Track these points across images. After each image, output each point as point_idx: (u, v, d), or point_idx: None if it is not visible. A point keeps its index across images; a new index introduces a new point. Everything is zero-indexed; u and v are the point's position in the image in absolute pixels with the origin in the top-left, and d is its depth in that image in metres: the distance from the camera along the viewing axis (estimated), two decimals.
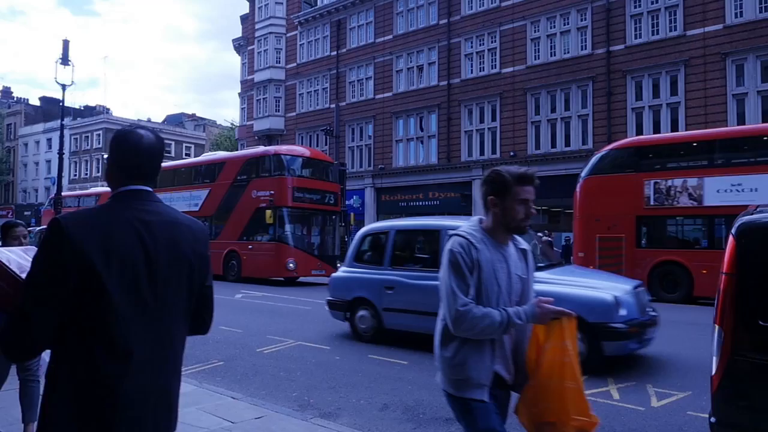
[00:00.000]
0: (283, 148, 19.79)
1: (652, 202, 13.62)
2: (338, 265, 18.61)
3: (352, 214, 23.56)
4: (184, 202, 20.49)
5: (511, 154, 23.74)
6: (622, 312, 6.00)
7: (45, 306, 1.49)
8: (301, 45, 32.53)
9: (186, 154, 55.07)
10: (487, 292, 2.11)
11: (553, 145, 22.97)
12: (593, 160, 15.06)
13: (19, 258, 1.96)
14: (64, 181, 33.42)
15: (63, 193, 35.14)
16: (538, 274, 6.39)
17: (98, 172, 52.76)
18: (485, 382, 2.12)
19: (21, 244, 3.81)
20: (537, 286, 5.94)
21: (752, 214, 3.12)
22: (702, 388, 5.31)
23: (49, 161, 53.68)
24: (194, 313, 1.78)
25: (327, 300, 8.48)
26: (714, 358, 2.93)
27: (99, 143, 53.18)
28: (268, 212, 17.17)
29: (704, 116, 19.35)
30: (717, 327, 2.94)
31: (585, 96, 22.31)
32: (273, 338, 8.15)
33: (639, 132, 20.96)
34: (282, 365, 6.55)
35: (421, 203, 26.55)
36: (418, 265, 7.85)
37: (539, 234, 20.59)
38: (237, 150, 32.73)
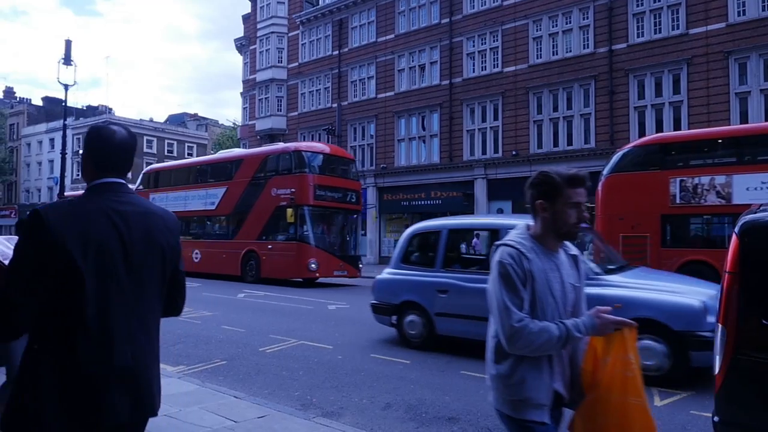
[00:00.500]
0: (303, 145, 19.14)
1: (678, 201, 13.20)
2: (360, 265, 18.35)
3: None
4: (199, 200, 20.10)
5: (513, 153, 23.72)
6: (711, 319, 5.37)
7: (26, 291, 1.60)
8: (302, 44, 32.53)
9: (188, 154, 55.16)
10: (541, 304, 1.97)
11: (555, 145, 22.94)
12: (615, 157, 14.56)
13: (2, 246, 2.04)
14: (67, 181, 33.52)
15: (66, 193, 35.20)
16: (613, 278, 6.16)
17: None
18: (545, 402, 1.98)
19: None
20: (615, 291, 5.69)
21: (756, 212, 3.12)
22: (705, 387, 5.31)
23: (51, 161, 53.82)
24: (167, 296, 1.91)
25: (371, 304, 8.03)
26: (717, 357, 2.92)
27: None
28: (289, 211, 16.65)
29: (707, 115, 19.31)
30: (720, 326, 2.93)
31: (587, 95, 22.27)
32: (275, 337, 8.15)
33: (641, 131, 20.90)
34: (284, 364, 6.56)
35: (423, 202, 26.53)
36: (474, 267, 7.45)
37: None
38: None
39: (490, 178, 24.47)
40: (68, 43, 18.69)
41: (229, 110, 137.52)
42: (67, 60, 18.54)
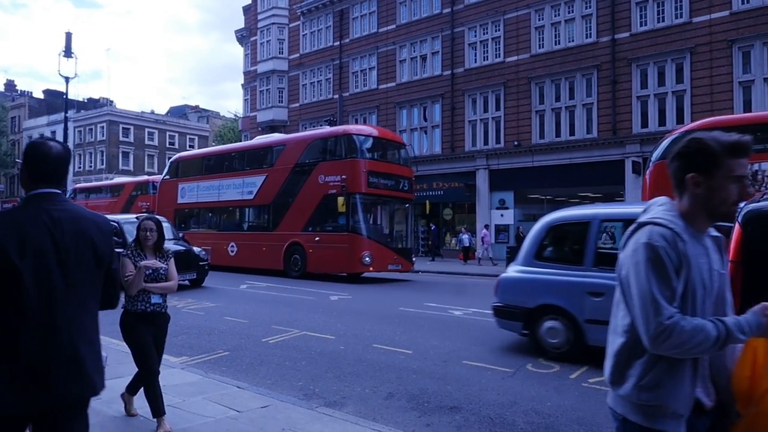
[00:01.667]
0: (352, 128, 17.78)
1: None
2: (413, 259, 17.40)
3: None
4: (235, 189, 18.87)
5: (515, 143, 23.66)
6: None
7: None
8: (303, 35, 32.40)
9: (190, 146, 55.15)
10: (693, 296, 1.67)
11: (558, 134, 22.87)
12: (665, 143, 13.68)
13: None
14: (69, 174, 33.42)
15: (77, 186, 35.22)
16: None
17: (102, 164, 52.88)
18: (683, 412, 1.68)
19: None
20: None
21: (759, 201, 3.10)
22: None
23: None
24: (103, 291, 2.14)
25: (494, 307, 6.90)
26: None
27: (103, 135, 53.29)
28: (340, 200, 15.19)
29: (710, 104, 19.22)
30: None
31: (589, 84, 22.18)
32: (278, 328, 8.17)
33: (644, 121, 20.83)
34: (287, 355, 6.58)
35: (425, 193, 26.43)
36: None
37: None
38: (241, 141, 32.71)
39: (492, 169, 24.43)
40: (68, 36, 18.63)
41: (230, 102, 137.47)
42: (68, 52, 18.48)
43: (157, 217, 4.51)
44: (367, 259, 15.21)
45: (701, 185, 1.71)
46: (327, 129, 18.40)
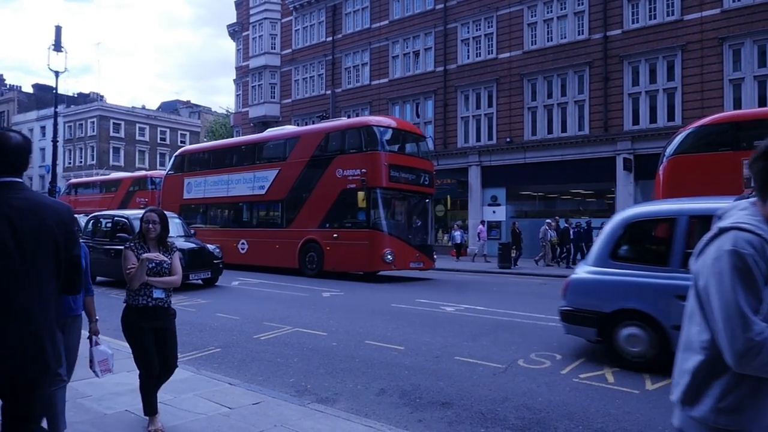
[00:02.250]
0: (372, 119, 17.00)
1: (753, 184, 12.24)
2: (435, 256, 16.70)
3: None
4: (245, 184, 18.11)
5: (507, 140, 23.71)
6: None
7: None
8: (296, 31, 32.27)
9: (181, 142, 54.86)
10: None
11: (550, 131, 22.94)
12: (679, 137, 13.16)
13: None
14: (59, 169, 33.19)
15: (71, 181, 34.87)
16: None
17: (92, 160, 52.48)
18: None
19: None
20: None
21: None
22: None
23: (43, 149, 53.39)
24: (65, 277, 2.23)
25: (563, 311, 6.27)
26: None
27: (93, 131, 52.88)
28: (360, 194, 14.58)
29: (701, 101, 19.35)
30: None
31: (581, 81, 22.24)
32: (270, 325, 8.16)
33: (635, 118, 20.93)
34: (279, 351, 6.57)
35: None
36: None
37: (549, 221, 20.38)
38: (233, 137, 32.54)
39: (484, 165, 24.47)
40: (58, 29, 18.46)
41: (222, 97, 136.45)
42: (58, 46, 18.32)
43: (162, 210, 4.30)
44: (389, 256, 14.60)
45: None
46: (345, 120, 17.72)
